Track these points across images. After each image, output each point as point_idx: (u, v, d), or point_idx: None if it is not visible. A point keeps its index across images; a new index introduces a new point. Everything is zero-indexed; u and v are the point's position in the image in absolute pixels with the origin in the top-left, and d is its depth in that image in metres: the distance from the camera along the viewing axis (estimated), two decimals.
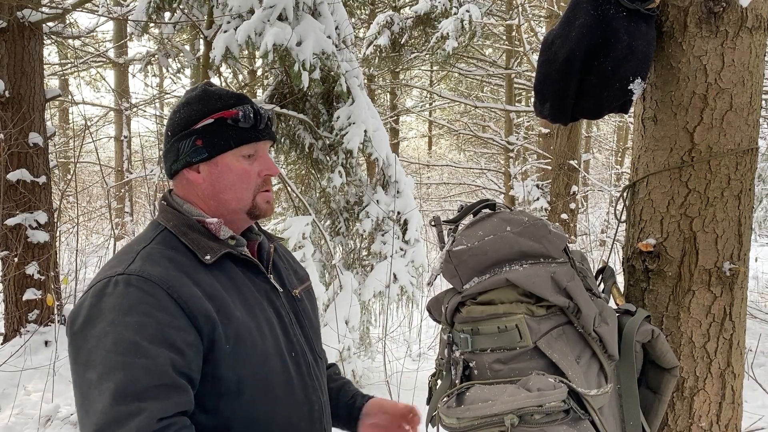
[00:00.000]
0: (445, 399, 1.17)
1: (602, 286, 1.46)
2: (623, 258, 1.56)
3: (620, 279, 1.58)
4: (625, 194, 1.56)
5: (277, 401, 1.29)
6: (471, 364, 1.20)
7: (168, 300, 1.17)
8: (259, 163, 1.36)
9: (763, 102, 8.08)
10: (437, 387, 1.32)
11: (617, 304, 1.43)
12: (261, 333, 1.29)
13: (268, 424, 1.28)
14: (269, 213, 1.39)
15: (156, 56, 7.20)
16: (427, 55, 9.08)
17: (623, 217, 1.56)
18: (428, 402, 1.37)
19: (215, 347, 1.20)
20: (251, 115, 1.33)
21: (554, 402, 1.05)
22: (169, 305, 1.17)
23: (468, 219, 1.37)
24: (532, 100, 1.59)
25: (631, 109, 1.51)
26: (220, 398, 1.22)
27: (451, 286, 1.29)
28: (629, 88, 1.40)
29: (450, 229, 1.35)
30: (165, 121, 1.46)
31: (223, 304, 1.24)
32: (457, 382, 1.20)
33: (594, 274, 1.44)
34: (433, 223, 1.38)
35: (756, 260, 10.24)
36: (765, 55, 1.43)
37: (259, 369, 1.26)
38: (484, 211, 1.37)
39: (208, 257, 1.26)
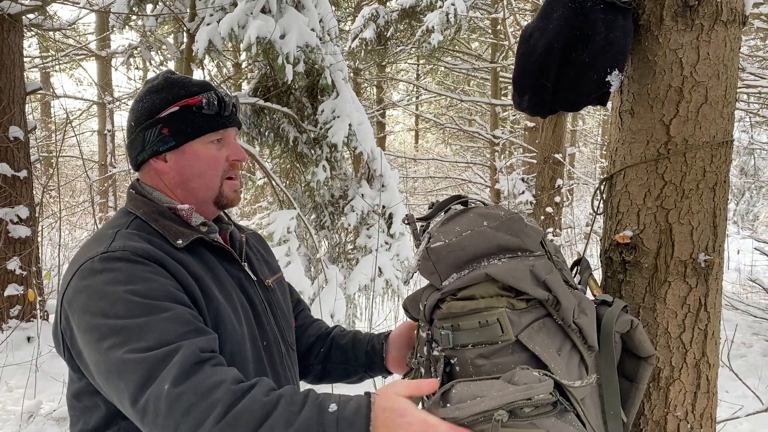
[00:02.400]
0: (428, 399, 1.15)
1: (578, 278, 1.47)
2: (601, 250, 1.57)
3: (598, 272, 1.59)
4: (602, 186, 1.57)
5: None
6: (452, 361, 1.19)
7: (161, 269, 1.18)
8: (227, 149, 1.36)
9: (745, 96, 8.16)
10: None
11: (594, 295, 1.44)
12: (238, 318, 1.29)
13: None
14: (236, 202, 1.39)
15: (139, 49, 7.12)
16: (413, 49, 9.06)
17: (601, 210, 1.57)
18: None
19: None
20: (215, 102, 1.32)
21: (542, 395, 1.05)
22: (164, 273, 1.18)
23: (441, 215, 1.36)
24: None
25: (609, 102, 1.52)
26: None
27: (427, 283, 1.28)
28: (607, 80, 1.41)
29: (421, 226, 1.34)
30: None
31: (205, 284, 1.24)
32: (438, 379, 1.18)
33: (570, 267, 1.45)
34: (407, 221, 1.37)
35: (738, 252, 10.38)
36: (740, 49, 1.44)
37: (235, 354, 1.25)
38: (454, 207, 1.36)
39: (179, 242, 1.26)
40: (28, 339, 5.86)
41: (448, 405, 1.08)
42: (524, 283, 1.16)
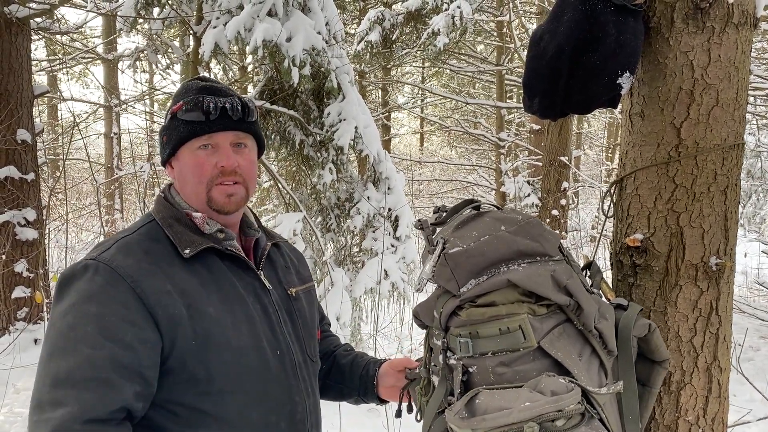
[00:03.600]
0: (453, 409, 1.10)
1: (589, 281, 1.46)
2: (611, 253, 1.56)
3: (606, 275, 1.58)
4: (612, 190, 1.56)
5: (252, 399, 1.27)
6: (471, 369, 1.16)
7: (130, 294, 1.18)
8: (218, 155, 1.32)
9: (751, 98, 8.13)
10: (429, 397, 1.25)
11: (608, 299, 1.43)
12: (237, 329, 1.26)
13: (244, 422, 1.26)
14: (230, 207, 1.34)
15: (145, 52, 7.14)
16: (419, 52, 9.06)
17: (610, 213, 1.56)
18: (419, 417, 1.31)
19: (179, 343, 1.19)
20: (199, 107, 1.30)
21: (572, 405, 1.03)
22: (129, 299, 1.17)
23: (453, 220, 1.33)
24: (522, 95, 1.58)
25: (620, 105, 1.51)
26: (191, 394, 1.21)
27: (438, 289, 1.25)
28: (618, 82, 1.40)
29: (429, 231, 1.30)
30: (155, 118, 1.48)
31: (195, 299, 1.23)
32: (457, 391, 1.15)
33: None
34: (419, 226, 1.32)
35: (745, 256, 10.33)
36: (751, 51, 1.44)
37: (232, 366, 1.24)
38: (464, 211, 1.34)
39: (187, 251, 1.26)
40: (35, 341, 5.87)
41: (476, 416, 1.05)
42: (546, 288, 1.14)
